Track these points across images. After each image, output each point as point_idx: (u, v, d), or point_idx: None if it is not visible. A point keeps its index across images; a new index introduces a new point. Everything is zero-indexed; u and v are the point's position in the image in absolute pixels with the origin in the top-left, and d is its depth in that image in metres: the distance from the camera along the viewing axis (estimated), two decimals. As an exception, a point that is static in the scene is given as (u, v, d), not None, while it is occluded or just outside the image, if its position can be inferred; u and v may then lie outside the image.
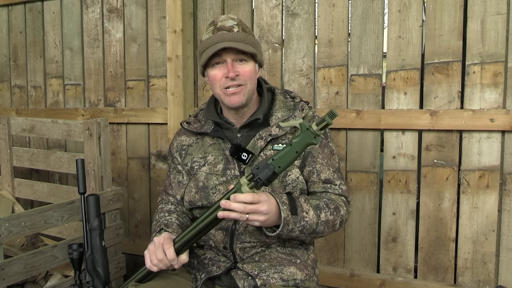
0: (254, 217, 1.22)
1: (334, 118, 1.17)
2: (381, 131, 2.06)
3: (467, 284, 1.92)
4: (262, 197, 1.22)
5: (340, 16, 2.08)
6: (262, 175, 1.20)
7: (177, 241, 1.30)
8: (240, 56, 1.37)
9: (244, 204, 1.20)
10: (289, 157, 1.20)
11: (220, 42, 1.35)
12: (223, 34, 1.36)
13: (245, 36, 1.38)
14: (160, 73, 2.55)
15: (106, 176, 2.11)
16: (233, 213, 1.21)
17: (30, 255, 1.72)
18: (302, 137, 1.20)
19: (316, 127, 1.19)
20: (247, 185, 1.22)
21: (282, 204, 1.26)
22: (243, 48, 1.35)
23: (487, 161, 1.86)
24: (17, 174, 2.54)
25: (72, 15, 2.82)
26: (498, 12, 1.81)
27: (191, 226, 1.29)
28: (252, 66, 1.40)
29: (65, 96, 2.89)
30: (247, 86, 1.39)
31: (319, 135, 1.20)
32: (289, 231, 1.28)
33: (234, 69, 1.36)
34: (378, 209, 2.09)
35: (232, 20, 1.40)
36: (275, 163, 1.20)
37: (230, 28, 1.38)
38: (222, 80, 1.38)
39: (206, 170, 1.44)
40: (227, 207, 1.21)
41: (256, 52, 1.39)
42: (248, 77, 1.38)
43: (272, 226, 1.29)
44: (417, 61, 1.96)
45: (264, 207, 1.21)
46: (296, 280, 1.37)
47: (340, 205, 1.39)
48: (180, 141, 1.55)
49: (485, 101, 1.85)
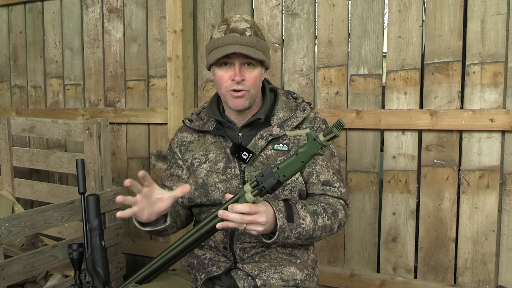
0: (252, 227, 1.21)
1: (341, 129, 1.16)
2: (381, 131, 2.06)
3: (467, 284, 1.92)
4: (260, 208, 1.21)
5: (340, 16, 2.08)
6: (266, 183, 1.19)
7: (175, 247, 1.29)
8: (248, 60, 1.37)
9: (242, 214, 1.19)
10: (295, 167, 1.19)
11: (231, 44, 1.34)
12: (235, 36, 1.35)
13: (256, 41, 1.37)
14: (160, 73, 2.55)
15: (106, 176, 2.11)
16: (231, 223, 1.21)
17: (30, 255, 1.72)
18: (308, 147, 1.19)
19: (323, 138, 1.18)
20: (250, 192, 1.21)
21: (279, 212, 1.26)
22: (253, 54, 1.34)
23: (487, 161, 1.86)
24: (17, 174, 2.54)
25: (72, 15, 2.82)
26: (498, 12, 1.81)
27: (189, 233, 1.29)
28: (258, 72, 1.40)
29: (65, 96, 2.89)
30: (250, 92, 1.39)
31: (326, 146, 1.20)
32: (285, 238, 1.28)
33: (241, 73, 1.36)
34: (378, 209, 2.09)
35: (246, 23, 1.39)
36: (280, 172, 1.19)
37: (242, 31, 1.37)
38: (228, 82, 1.38)
39: (206, 168, 1.44)
40: (224, 217, 1.20)
41: (265, 59, 1.39)
42: (253, 83, 1.38)
43: (268, 233, 1.28)
44: (417, 61, 1.96)
45: (262, 218, 1.21)
46: (296, 280, 1.37)
47: (338, 209, 1.38)
48: (182, 137, 1.55)
49: (485, 101, 1.85)
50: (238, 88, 1.37)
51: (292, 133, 1.27)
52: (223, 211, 1.21)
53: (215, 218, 1.24)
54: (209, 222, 1.26)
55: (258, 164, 1.39)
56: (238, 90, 1.37)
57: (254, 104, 1.44)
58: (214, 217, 1.24)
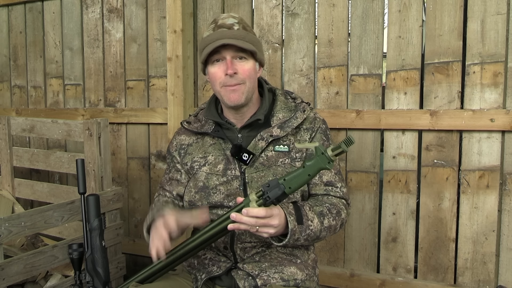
0: (264, 230, 1.22)
1: (350, 145, 1.15)
2: (381, 131, 2.06)
3: (467, 284, 1.92)
4: (274, 211, 1.22)
5: (340, 16, 2.08)
6: (271, 194, 1.19)
7: (180, 249, 1.31)
8: (239, 53, 1.37)
9: (256, 218, 1.20)
10: (301, 179, 1.19)
11: (220, 39, 1.34)
12: (223, 31, 1.36)
13: (245, 34, 1.37)
14: (160, 73, 2.55)
15: (106, 176, 2.11)
16: (243, 225, 1.21)
17: (30, 255, 1.72)
18: (316, 161, 1.19)
19: (331, 152, 1.17)
20: (255, 202, 1.21)
21: (290, 215, 1.26)
22: (242, 45, 1.34)
23: (487, 161, 1.86)
24: (17, 174, 2.54)
25: (72, 15, 2.82)
26: (498, 12, 1.81)
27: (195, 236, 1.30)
28: (251, 65, 1.39)
29: (65, 96, 2.89)
30: (246, 84, 1.38)
31: (334, 161, 1.19)
32: (295, 240, 1.29)
33: (233, 66, 1.36)
34: (378, 209, 2.09)
35: (233, 18, 1.40)
36: (286, 184, 1.19)
37: (230, 26, 1.37)
38: (222, 77, 1.38)
39: (206, 170, 1.43)
40: (238, 219, 1.21)
41: (256, 50, 1.38)
42: (247, 75, 1.38)
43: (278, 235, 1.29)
44: (417, 61, 1.96)
45: (275, 221, 1.22)
46: (297, 280, 1.37)
47: (341, 209, 1.39)
48: (180, 140, 1.54)
49: (485, 101, 1.85)
50: (232, 83, 1.36)
51: (301, 146, 1.27)
52: (236, 213, 1.21)
53: (226, 220, 1.25)
54: (219, 224, 1.27)
55: (259, 165, 1.39)
56: (233, 84, 1.36)
57: (251, 102, 1.44)
58: (225, 219, 1.25)
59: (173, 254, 1.31)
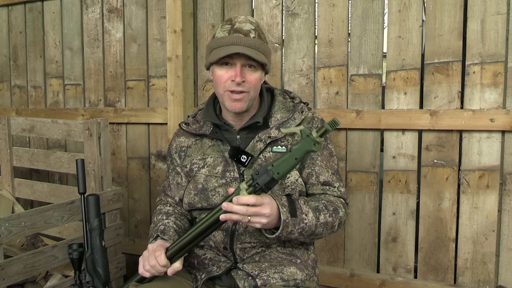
0: (256, 219, 1.21)
1: (335, 127, 1.16)
2: (381, 131, 2.06)
3: (467, 284, 1.92)
4: (265, 200, 1.21)
5: (340, 16, 2.08)
6: (260, 180, 1.20)
7: (175, 245, 1.30)
8: (250, 62, 1.36)
9: (246, 206, 1.19)
10: (289, 164, 1.19)
11: (235, 45, 1.33)
12: (239, 37, 1.34)
13: (260, 43, 1.36)
14: (160, 73, 2.55)
15: (106, 176, 2.11)
16: (235, 215, 1.20)
17: (30, 255, 1.72)
18: (301, 144, 1.19)
19: (316, 134, 1.18)
20: (245, 190, 1.21)
21: (282, 206, 1.26)
22: (256, 57, 1.33)
23: (487, 161, 1.86)
24: (17, 174, 2.54)
25: (72, 15, 2.82)
26: (498, 12, 1.81)
27: (189, 231, 1.29)
28: (259, 75, 1.39)
29: (65, 96, 2.89)
30: (250, 93, 1.38)
31: (319, 143, 1.19)
32: (288, 233, 1.28)
33: (242, 74, 1.35)
34: (378, 209, 2.09)
35: (250, 24, 1.38)
36: (274, 169, 1.19)
37: (247, 33, 1.35)
38: (227, 82, 1.37)
39: (205, 172, 1.43)
40: (229, 209, 1.20)
41: (267, 63, 1.38)
42: (253, 84, 1.38)
43: (271, 228, 1.29)
44: (417, 61, 1.96)
45: (266, 210, 1.21)
46: (297, 280, 1.37)
47: (339, 207, 1.39)
48: (179, 142, 1.54)
49: (485, 101, 1.85)
50: (238, 90, 1.35)
51: (286, 130, 1.27)
52: (227, 203, 1.21)
53: (218, 212, 1.24)
54: (211, 217, 1.26)
55: (257, 167, 1.39)
56: (238, 91, 1.36)
57: (252, 106, 1.44)
58: (217, 211, 1.25)
59: (169, 250, 1.31)
